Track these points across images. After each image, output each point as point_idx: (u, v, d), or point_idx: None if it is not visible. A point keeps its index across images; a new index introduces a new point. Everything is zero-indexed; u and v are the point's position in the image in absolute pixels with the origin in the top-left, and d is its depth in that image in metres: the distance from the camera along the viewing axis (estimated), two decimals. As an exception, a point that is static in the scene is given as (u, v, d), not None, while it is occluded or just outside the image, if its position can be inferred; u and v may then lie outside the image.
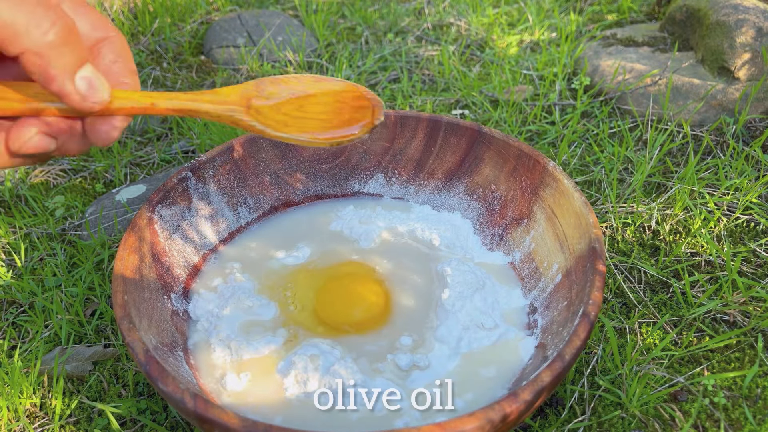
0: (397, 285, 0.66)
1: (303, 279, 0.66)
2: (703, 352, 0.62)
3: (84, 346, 0.66)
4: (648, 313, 0.66)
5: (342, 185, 0.77)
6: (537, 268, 0.64)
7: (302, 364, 0.55)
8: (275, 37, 1.20)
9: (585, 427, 0.56)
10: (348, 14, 1.33)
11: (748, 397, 0.58)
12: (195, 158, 0.73)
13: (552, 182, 0.64)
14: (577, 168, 0.86)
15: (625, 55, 1.03)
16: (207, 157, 0.69)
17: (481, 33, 1.23)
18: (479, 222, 0.72)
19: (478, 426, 0.41)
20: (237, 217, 0.72)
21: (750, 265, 0.71)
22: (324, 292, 0.65)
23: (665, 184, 0.82)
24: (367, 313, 0.62)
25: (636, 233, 0.76)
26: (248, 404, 0.54)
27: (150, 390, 0.62)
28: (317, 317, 0.62)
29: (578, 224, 0.59)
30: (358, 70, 1.12)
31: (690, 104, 0.92)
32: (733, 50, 0.91)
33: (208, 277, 0.67)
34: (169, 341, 0.56)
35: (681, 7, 1.06)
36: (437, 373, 0.56)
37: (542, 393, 0.44)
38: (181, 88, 1.10)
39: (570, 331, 0.49)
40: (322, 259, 0.69)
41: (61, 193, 0.89)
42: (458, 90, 1.04)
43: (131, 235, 0.59)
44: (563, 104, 0.99)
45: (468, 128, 0.71)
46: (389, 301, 0.64)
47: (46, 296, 0.71)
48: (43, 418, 0.60)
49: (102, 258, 0.75)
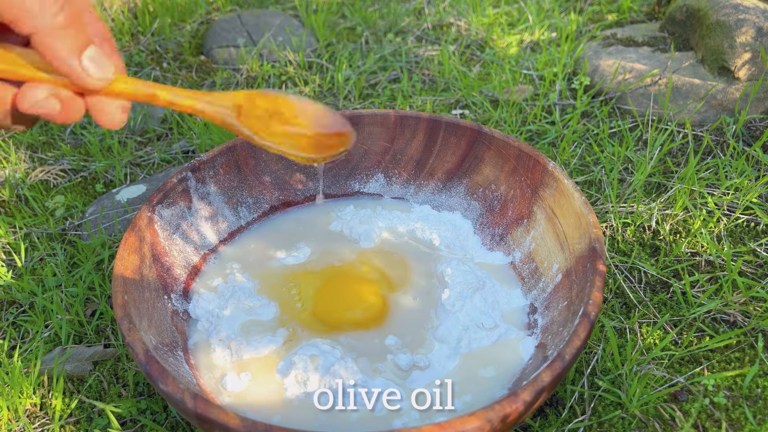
0: (397, 285, 0.66)
1: (303, 279, 0.66)
2: (703, 352, 0.62)
3: (84, 346, 0.66)
4: (648, 313, 0.66)
5: (342, 185, 0.77)
6: (537, 268, 0.64)
7: (302, 364, 0.55)
8: (275, 37, 1.20)
9: (585, 427, 0.56)
10: (348, 14, 1.33)
11: (748, 397, 0.58)
12: (195, 158, 0.73)
13: (552, 182, 0.64)
14: (577, 168, 0.86)
15: (625, 55, 1.03)
16: (207, 157, 0.69)
17: (481, 33, 1.23)
18: (479, 222, 0.72)
19: (478, 426, 0.41)
20: (237, 217, 0.72)
21: (750, 265, 0.71)
22: (324, 292, 0.65)
23: (665, 184, 0.82)
24: (367, 313, 0.62)
25: (636, 233, 0.76)
26: (248, 404, 0.54)
27: (150, 390, 0.62)
28: (317, 317, 0.62)
29: (578, 224, 0.59)
30: (358, 70, 1.12)
31: (690, 104, 0.92)
32: (734, 50, 0.91)
33: (208, 277, 0.67)
34: (169, 341, 0.56)
35: (681, 7, 1.06)
36: (437, 373, 0.56)
37: (542, 393, 0.44)
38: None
39: (570, 331, 0.49)
40: (322, 259, 0.69)
41: (61, 193, 0.89)
42: (458, 90, 1.04)
43: (131, 235, 0.59)
44: (563, 104, 0.99)
45: (468, 128, 0.71)
46: (388, 301, 0.64)
47: (46, 296, 0.71)
48: (43, 418, 0.60)
49: (102, 258, 0.75)
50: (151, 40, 1.23)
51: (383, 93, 1.06)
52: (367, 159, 0.77)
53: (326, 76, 1.11)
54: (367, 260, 0.69)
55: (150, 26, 1.26)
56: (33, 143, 0.99)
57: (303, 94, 1.07)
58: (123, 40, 1.23)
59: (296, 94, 0.58)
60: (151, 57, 1.19)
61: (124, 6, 1.33)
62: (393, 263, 0.68)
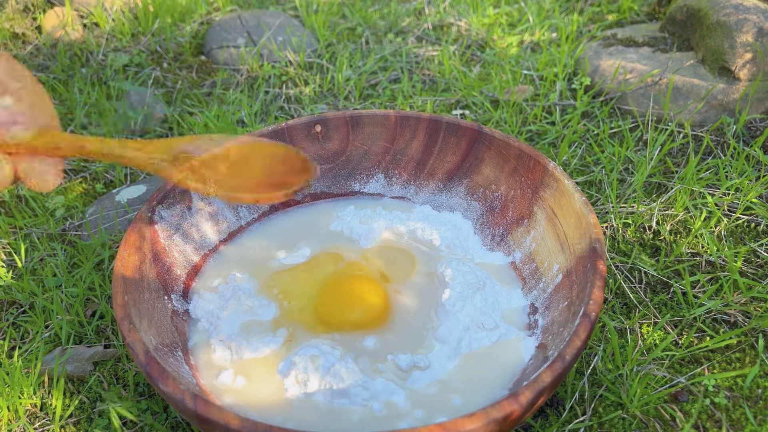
0: (398, 285, 0.66)
1: (303, 279, 0.66)
2: (703, 352, 0.62)
3: (84, 347, 0.66)
4: (648, 314, 0.66)
5: (342, 185, 0.77)
6: (537, 268, 0.64)
7: (303, 365, 0.55)
8: (275, 37, 1.20)
9: (585, 427, 0.56)
10: (348, 14, 1.33)
11: (748, 397, 0.58)
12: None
13: (552, 182, 0.64)
14: (577, 168, 0.86)
15: (626, 56, 1.03)
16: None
17: (481, 33, 1.23)
18: (480, 222, 0.72)
19: (478, 426, 0.41)
20: (237, 217, 0.72)
21: (750, 265, 0.71)
22: (325, 292, 0.65)
23: (666, 184, 0.82)
24: (369, 314, 0.62)
25: (636, 233, 0.76)
26: (248, 404, 0.54)
27: (150, 390, 0.62)
28: (318, 317, 0.62)
29: (579, 224, 0.59)
30: (358, 70, 1.12)
31: (690, 104, 0.92)
32: (734, 50, 0.91)
33: (209, 277, 0.67)
34: (170, 341, 0.56)
35: (681, 7, 1.06)
36: (437, 373, 0.56)
37: (543, 393, 0.44)
38: (181, 88, 1.10)
39: (570, 332, 0.49)
40: (322, 259, 0.69)
41: (62, 193, 0.89)
42: (459, 90, 1.04)
43: (131, 235, 0.59)
44: (564, 104, 0.99)
45: (468, 128, 0.71)
46: (389, 301, 0.64)
47: (47, 297, 0.71)
48: (44, 418, 0.60)
49: (102, 258, 0.75)
50: (152, 41, 1.23)
51: (383, 93, 1.06)
52: (367, 159, 0.77)
53: (326, 77, 1.11)
54: (368, 260, 0.69)
55: (150, 26, 1.26)
56: (33, 143, 0.99)
57: (303, 94, 1.07)
58: (123, 40, 1.23)
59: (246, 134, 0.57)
60: (152, 57, 1.19)
61: (124, 6, 1.33)
62: (393, 263, 0.68)
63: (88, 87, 1.09)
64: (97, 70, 1.15)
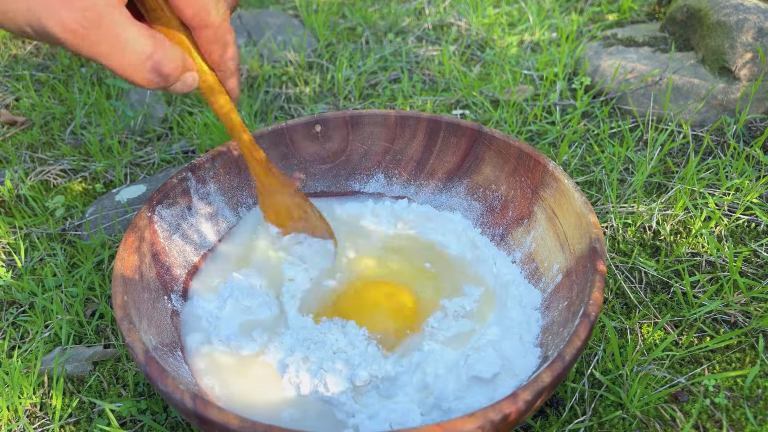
0: (398, 284, 0.65)
1: (303, 279, 0.66)
2: (704, 352, 0.62)
3: (84, 347, 0.66)
4: (649, 314, 0.66)
5: (342, 185, 0.77)
6: (537, 268, 0.64)
7: (303, 364, 0.55)
8: (276, 37, 1.20)
9: (586, 427, 0.56)
10: (348, 14, 1.33)
11: (749, 397, 0.58)
12: (195, 158, 0.72)
13: (552, 182, 0.64)
14: (577, 168, 0.86)
15: (626, 55, 1.03)
16: (207, 157, 0.69)
17: (481, 33, 1.23)
18: (480, 222, 0.72)
19: (478, 426, 0.41)
20: (237, 217, 0.72)
21: (751, 266, 0.71)
22: (359, 296, 0.64)
23: (666, 184, 0.82)
24: (404, 322, 0.62)
25: (636, 233, 0.76)
26: (248, 404, 0.54)
27: (150, 390, 0.62)
28: (320, 316, 0.62)
29: (579, 224, 0.59)
30: (358, 70, 1.12)
31: (690, 104, 0.92)
32: (734, 50, 0.91)
33: (208, 277, 0.67)
34: (169, 341, 0.56)
35: (682, 7, 1.06)
36: (437, 372, 0.56)
37: (542, 393, 0.44)
38: (181, 88, 1.10)
39: (570, 332, 0.49)
40: (322, 259, 0.69)
41: (61, 193, 0.88)
42: (459, 90, 1.04)
43: (131, 235, 0.59)
44: (564, 104, 0.99)
45: (468, 128, 0.71)
46: (413, 306, 0.63)
47: (46, 296, 0.71)
48: (43, 418, 0.60)
49: (102, 258, 0.75)
50: (152, 40, 1.22)
51: (383, 93, 1.06)
52: (367, 159, 0.77)
53: (326, 76, 1.11)
54: (368, 260, 0.69)
55: (150, 26, 1.25)
56: (33, 143, 0.99)
57: (303, 94, 1.07)
58: (123, 40, 1.23)
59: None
60: (152, 57, 1.19)
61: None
62: (393, 263, 0.68)
63: (87, 86, 1.09)
64: (96, 70, 1.15)
